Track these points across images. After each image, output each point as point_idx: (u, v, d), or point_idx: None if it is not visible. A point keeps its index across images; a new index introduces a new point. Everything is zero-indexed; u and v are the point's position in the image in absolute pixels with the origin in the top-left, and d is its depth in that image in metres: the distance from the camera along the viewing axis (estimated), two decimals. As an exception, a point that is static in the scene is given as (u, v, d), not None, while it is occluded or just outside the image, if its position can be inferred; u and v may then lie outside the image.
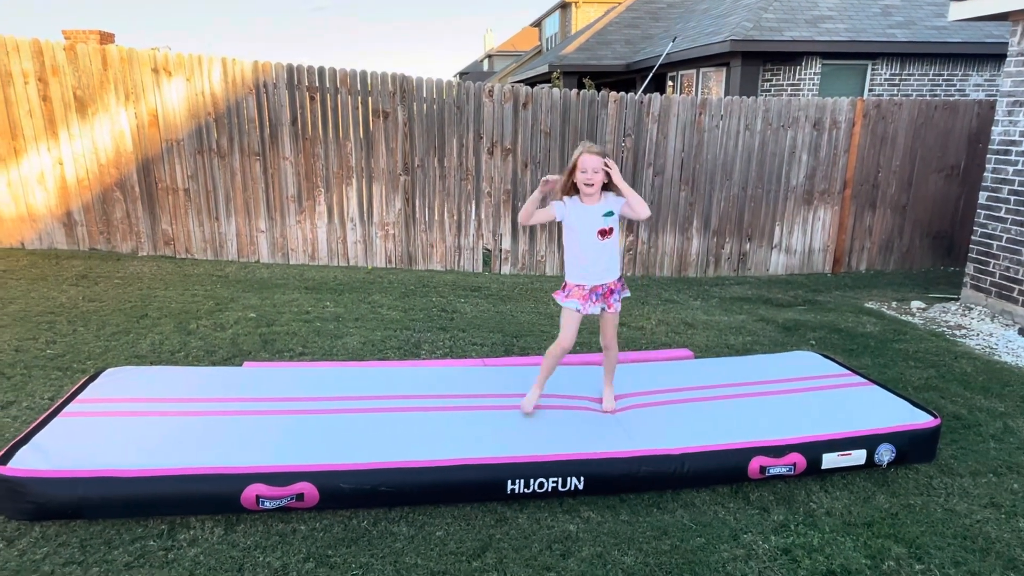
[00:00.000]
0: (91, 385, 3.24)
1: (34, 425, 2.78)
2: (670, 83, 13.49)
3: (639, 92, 7.68)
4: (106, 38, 9.60)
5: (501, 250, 7.08)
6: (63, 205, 6.51)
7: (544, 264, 7.14)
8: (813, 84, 10.37)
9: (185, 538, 2.43)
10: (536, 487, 2.71)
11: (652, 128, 6.90)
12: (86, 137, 6.36)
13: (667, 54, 11.94)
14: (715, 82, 11.51)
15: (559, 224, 3.09)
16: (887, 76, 10.52)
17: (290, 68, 6.38)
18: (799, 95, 10.31)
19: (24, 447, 2.58)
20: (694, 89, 12.24)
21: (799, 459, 2.93)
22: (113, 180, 6.49)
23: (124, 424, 2.88)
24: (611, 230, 3.05)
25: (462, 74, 38.09)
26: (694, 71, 12.18)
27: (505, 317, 5.36)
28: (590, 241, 3.04)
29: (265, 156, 6.55)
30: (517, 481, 2.69)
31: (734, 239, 7.35)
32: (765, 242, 7.43)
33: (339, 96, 6.48)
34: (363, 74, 6.48)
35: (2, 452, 2.54)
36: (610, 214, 3.03)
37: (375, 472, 2.62)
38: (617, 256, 3.14)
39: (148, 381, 3.35)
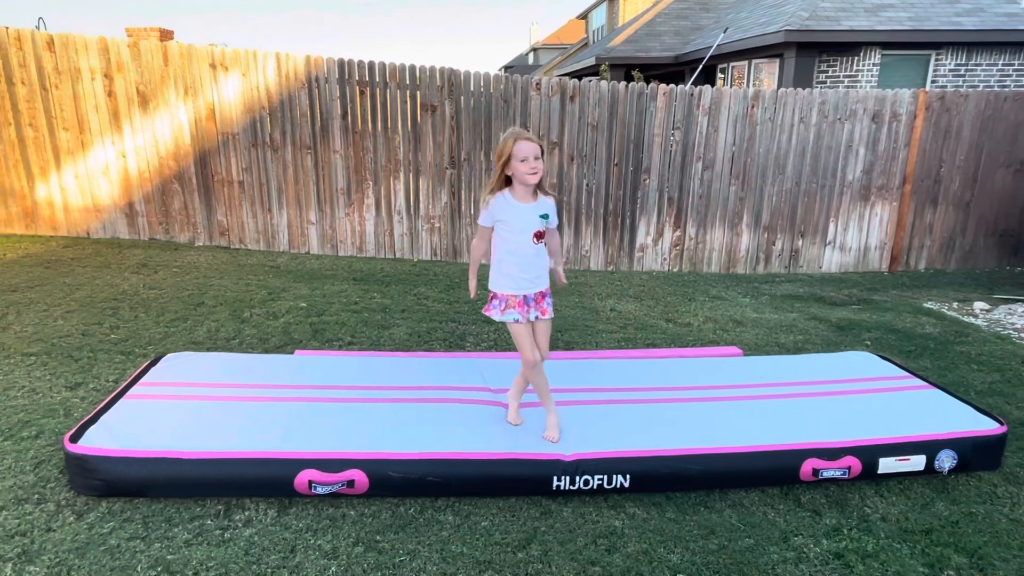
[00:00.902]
0: (152, 369, 3.38)
1: (101, 406, 2.92)
2: (720, 75, 13.20)
3: (688, 84, 7.54)
4: (166, 35, 9.93)
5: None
6: (125, 196, 6.78)
7: (588, 259, 7.10)
8: (871, 76, 10.00)
9: (240, 519, 2.52)
10: (582, 484, 2.70)
11: (702, 121, 6.77)
12: (147, 131, 6.61)
13: (718, 45, 11.68)
14: (767, 74, 11.22)
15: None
16: (951, 67, 10.06)
17: (341, 63, 6.49)
18: (856, 87, 9.95)
19: (93, 426, 2.72)
20: (745, 81, 11.95)
21: (854, 462, 2.84)
22: (172, 172, 6.73)
23: (184, 407, 2.99)
24: (545, 233, 2.80)
25: (507, 68, 38.05)
26: (746, 63, 11.89)
27: (550, 311, 5.34)
28: (526, 245, 2.75)
29: (316, 149, 6.69)
30: (563, 478, 2.69)
31: (786, 235, 7.16)
32: (819, 239, 7.21)
33: (388, 90, 6.56)
34: (412, 68, 6.54)
35: (73, 430, 2.67)
36: (546, 216, 2.76)
37: (423, 462, 2.66)
38: (547, 262, 2.89)
39: (206, 367, 3.47)
